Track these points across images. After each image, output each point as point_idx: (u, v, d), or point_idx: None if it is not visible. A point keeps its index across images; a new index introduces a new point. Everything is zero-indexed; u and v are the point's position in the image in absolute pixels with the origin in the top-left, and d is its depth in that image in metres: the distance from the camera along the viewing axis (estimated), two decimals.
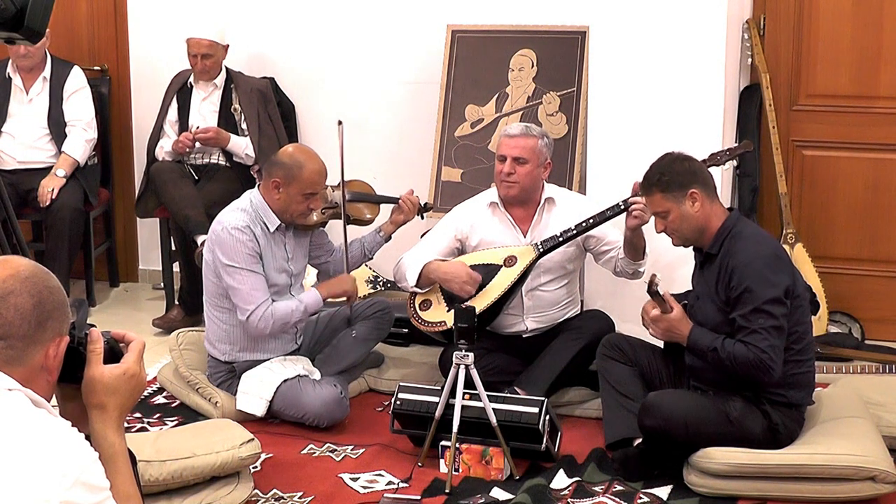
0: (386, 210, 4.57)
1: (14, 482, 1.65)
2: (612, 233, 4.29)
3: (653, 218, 3.82)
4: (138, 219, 6.00)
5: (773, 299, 3.50)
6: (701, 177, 3.70)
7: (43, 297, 1.85)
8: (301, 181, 4.12)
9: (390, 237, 4.54)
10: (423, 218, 4.66)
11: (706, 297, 3.69)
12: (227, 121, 5.49)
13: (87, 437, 1.84)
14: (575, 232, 4.20)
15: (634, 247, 4.18)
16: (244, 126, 5.47)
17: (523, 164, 4.25)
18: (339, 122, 4.33)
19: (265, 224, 4.17)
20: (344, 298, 4.36)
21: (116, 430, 1.92)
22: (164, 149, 5.51)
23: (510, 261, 4.22)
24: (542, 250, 4.21)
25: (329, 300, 4.34)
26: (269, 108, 5.56)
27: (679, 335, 3.68)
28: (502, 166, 4.27)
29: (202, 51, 5.40)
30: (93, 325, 1.97)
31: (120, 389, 1.93)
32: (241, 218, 4.14)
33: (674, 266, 4.36)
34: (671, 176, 3.67)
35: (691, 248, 3.84)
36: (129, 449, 1.94)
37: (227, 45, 5.49)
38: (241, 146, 5.45)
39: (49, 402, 1.88)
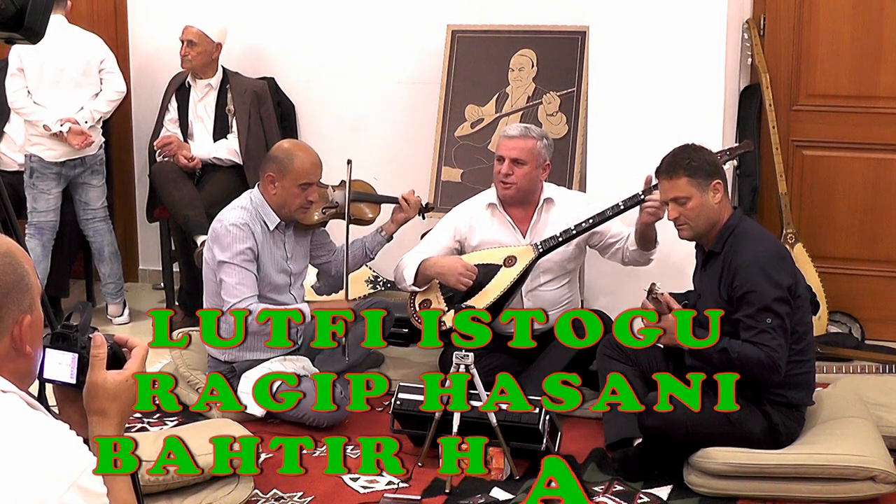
0: (387, 210, 4.57)
1: (10, 484, 1.64)
2: (616, 225, 4.29)
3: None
4: (138, 220, 5.99)
5: (778, 298, 3.50)
6: (723, 170, 3.69)
7: None
8: (294, 172, 4.13)
9: (392, 237, 4.53)
10: (423, 217, 4.66)
11: (708, 296, 3.69)
12: (222, 121, 5.48)
13: (86, 441, 1.82)
14: (575, 232, 4.20)
15: (647, 238, 4.18)
16: (234, 126, 5.46)
17: (521, 166, 4.25)
18: (349, 162, 4.32)
19: (264, 222, 4.18)
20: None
21: (116, 436, 1.90)
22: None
23: (510, 261, 4.22)
24: (541, 250, 4.21)
25: (326, 300, 4.33)
26: (262, 110, 5.52)
27: None
28: (500, 166, 4.27)
29: (189, 37, 5.41)
30: (95, 329, 1.94)
31: (122, 396, 1.90)
32: (240, 215, 4.14)
33: (682, 265, 4.33)
34: (700, 162, 3.62)
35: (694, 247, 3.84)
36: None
37: (220, 45, 5.46)
38: (207, 152, 5.44)
39: (33, 380, 1.86)
